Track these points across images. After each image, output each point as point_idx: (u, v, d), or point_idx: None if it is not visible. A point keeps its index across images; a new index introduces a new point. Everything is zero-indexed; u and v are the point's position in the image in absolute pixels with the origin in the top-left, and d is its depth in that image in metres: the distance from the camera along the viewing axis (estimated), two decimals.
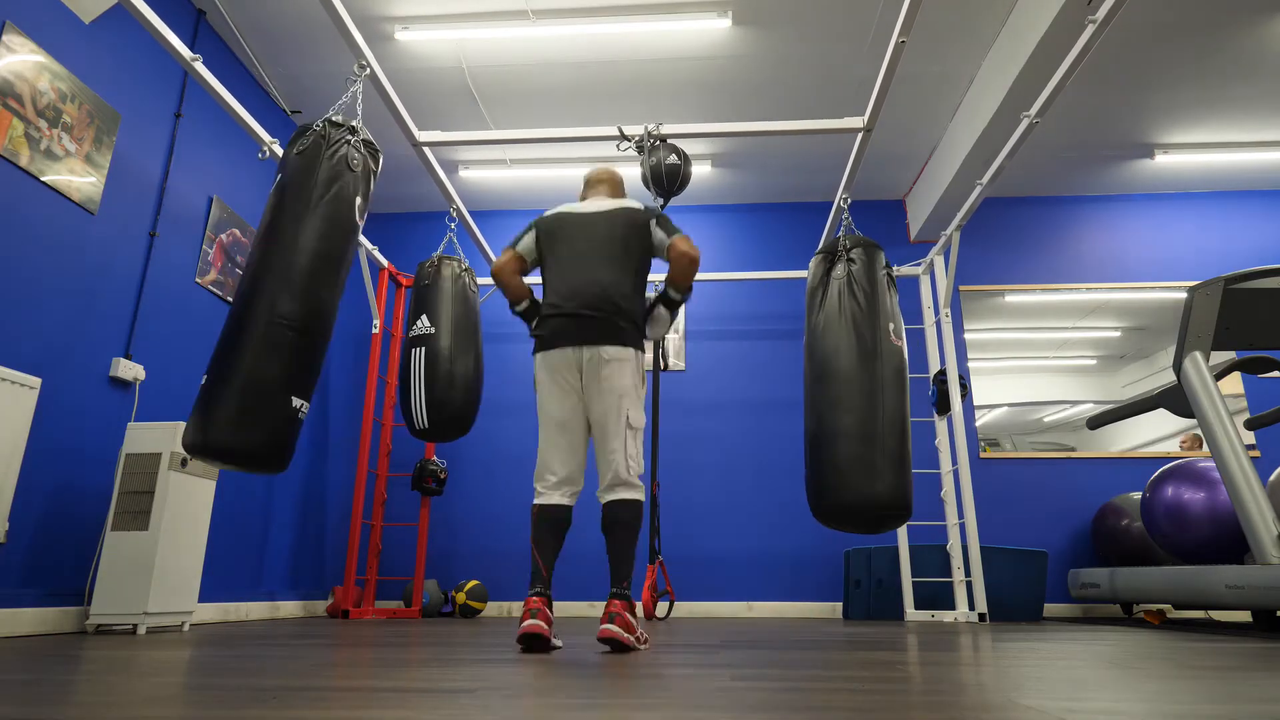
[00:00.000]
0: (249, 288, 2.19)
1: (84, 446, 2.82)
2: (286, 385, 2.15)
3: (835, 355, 2.70)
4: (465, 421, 3.27)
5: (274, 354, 2.13)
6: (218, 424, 2.06)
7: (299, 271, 2.20)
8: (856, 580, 4.22)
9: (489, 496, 4.91)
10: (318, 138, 2.36)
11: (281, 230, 2.24)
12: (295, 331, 2.17)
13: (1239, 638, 2.67)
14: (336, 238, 2.31)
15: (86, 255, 2.86)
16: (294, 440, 2.21)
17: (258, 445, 2.09)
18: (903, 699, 1.16)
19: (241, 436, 2.07)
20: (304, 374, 2.20)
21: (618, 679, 1.40)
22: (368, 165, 2.46)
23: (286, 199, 2.29)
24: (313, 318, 2.22)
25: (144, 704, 1.09)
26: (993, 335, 5.08)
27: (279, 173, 2.37)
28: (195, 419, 2.09)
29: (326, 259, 2.27)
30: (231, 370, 2.10)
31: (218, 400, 2.07)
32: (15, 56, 2.55)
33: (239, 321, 2.16)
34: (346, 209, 2.35)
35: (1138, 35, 3.70)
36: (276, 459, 2.16)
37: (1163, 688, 1.29)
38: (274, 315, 2.15)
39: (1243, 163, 4.89)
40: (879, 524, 2.59)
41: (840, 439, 2.58)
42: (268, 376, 2.11)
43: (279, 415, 2.13)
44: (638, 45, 3.88)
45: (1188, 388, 3.12)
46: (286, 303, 2.17)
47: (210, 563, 3.52)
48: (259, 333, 2.13)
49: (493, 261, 2.38)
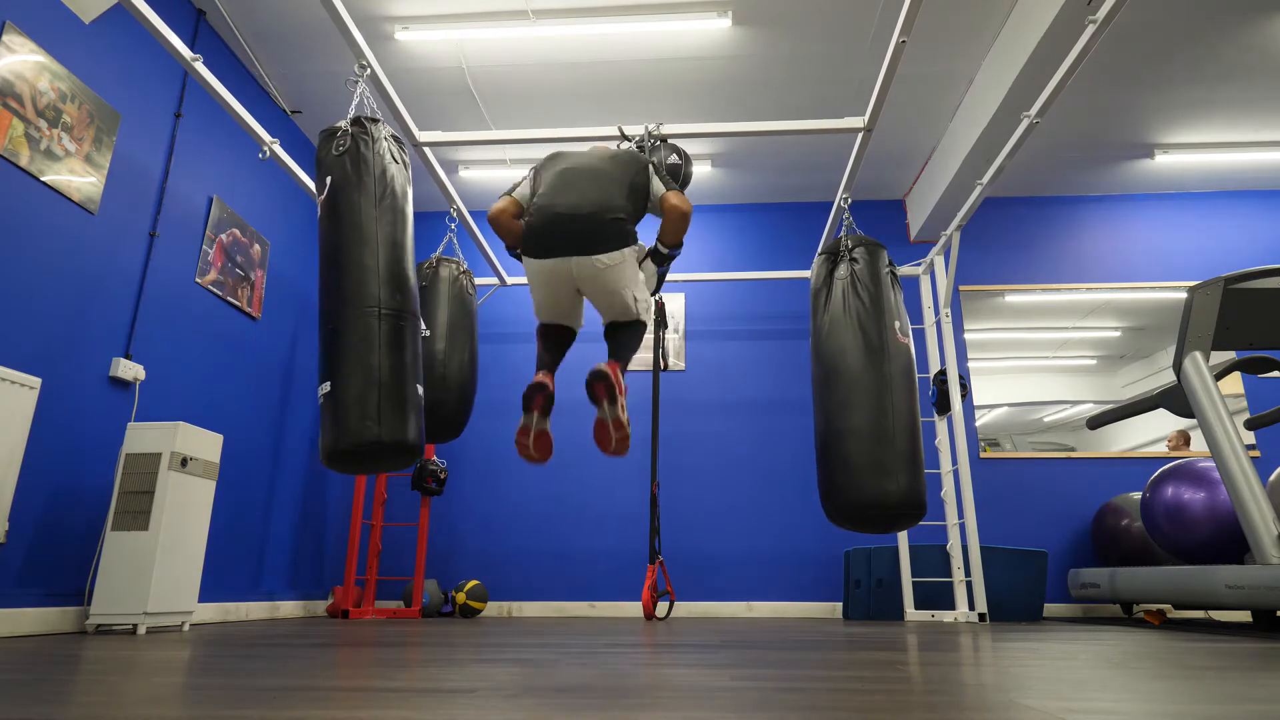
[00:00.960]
0: (349, 288, 2.25)
1: (84, 446, 2.82)
2: (412, 373, 2.27)
3: (842, 355, 2.70)
4: (457, 424, 3.28)
5: (394, 346, 2.23)
6: (359, 425, 2.13)
7: (388, 261, 2.31)
8: (856, 580, 4.22)
9: (489, 496, 4.91)
10: (355, 137, 2.40)
11: (359, 227, 2.31)
12: (398, 319, 2.28)
13: (1239, 638, 2.67)
14: (405, 227, 2.44)
15: (86, 255, 2.86)
16: (422, 425, 2.34)
17: (400, 436, 2.18)
18: (903, 699, 1.16)
19: (380, 432, 2.14)
20: (416, 359, 2.33)
21: (618, 679, 1.40)
22: (403, 156, 2.58)
23: (350, 197, 2.34)
24: (408, 303, 2.34)
25: (144, 704, 1.09)
26: (993, 335, 5.08)
27: (325, 177, 2.40)
28: (334, 426, 2.13)
29: (403, 247, 2.40)
30: (354, 372, 2.16)
31: (354, 401, 2.14)
32: (15, 56, 2.55)
33: (346, 324, 2.21)
34: (405, 198, 2.48)
35: (1138, 35, 3.70)
36: (415, 447, 2.27)
37: (1163, 688, 1.29)
38: (382, 308, 2.24)
39: (1243, 163, 4.89)
40: (893, 523, 2.59)
41: (851, 438, 2.58)
42: (388, 370, 2.20)
43: (408, 404, 2.23)
44: (638, 45, 3.88)
45: (1188, 388, 3.12)
46: (386, 294, 2.27)
47: (210, 563, 3.52)
48: (373, 328, 2.21)
49: (492, 206, 2.39)
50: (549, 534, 4.81)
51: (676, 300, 5.26)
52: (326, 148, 2.43)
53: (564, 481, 4.89)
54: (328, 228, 2.33)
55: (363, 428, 2.13)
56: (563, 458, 4.94)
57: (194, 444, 2.84)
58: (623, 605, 4.65)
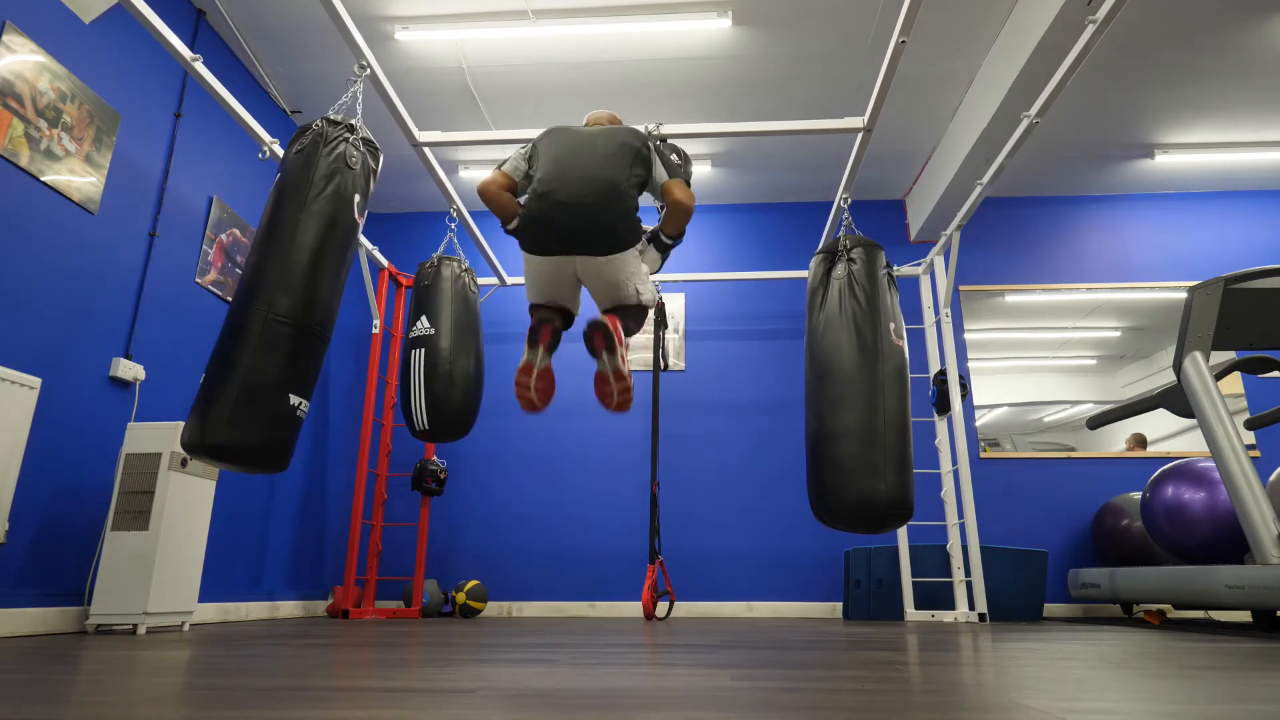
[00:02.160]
0: (246, 287, 2.20)
1: (84, 446, 2.82)
2: (284, 384, 2.15)
3: (836, 355, 2.70)
4: (465, 422, 3.26)
5: (270, 352, 2.13)
6: (215, 423, 2.05)
7: (296, 269, 2.21)
8: (856, 580, 4.22)
9: (489, 496, 4.91)
10: (315, 136, 2.37)
11: (279, 229, 2.25)
12: (292, 329, 2.17)
13: (1239, 638, 2.67)
14: (334, 236, 2.30)
15: (86, 255, 2.86)
16: (293, 439, 2.21)
17: (255, 444, 2.09)
18: (903, 699, 1.16)
19: (238, 435, 2.06)
20: (302, 372, 2.20)
21: (618, 679, 1.40)
22: (367, 163, 2.46)
23: (284, 198, 2.29)
24: (310, 315, 2.21)
25: (144, 704, 1.09)
26: (993, 335, 5.08)
27: (279, 173, 2.38)
28: (193, 418, 2.09)
29: (324, 257, 2.27)
30: (228, 369, 2.10)
31: (215, 399, 2.07)
32: (15, 56, 2.55)
33: (236, 320, 2.16)
34: (345, 207, 2.35)
35: (1138, 35, 3.70)
36: (275, 458, 2.16)
37: (1163, 688, 1.29)
38: (271, 313, 2.15)
39: (1243, 163, 4.89)
40: (881, 524, 2.59)
41: (841, 438, 2.58)
42: (264, 375, 2.11)
43: (276, 414, 2.12)
44: (638, 45, 3.88)
45: (1188, 388, 3.12)
46: (283, 301, 2.17)
47: (210, 563, 3.52)
48: (256, 331, 2.13)
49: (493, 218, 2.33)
50: (549, 534, 4.81)
51: (676, 300, 5.26)
52: (290, 145, 2.40)
53: (564, 481, 4.89)
54: (259, 225, 2.30)
55: (208, 426, 2.05)
56: (563, 457, 4.94)
57: None
58: (623, 605, 4.65)
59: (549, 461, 4.95)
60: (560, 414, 5.04)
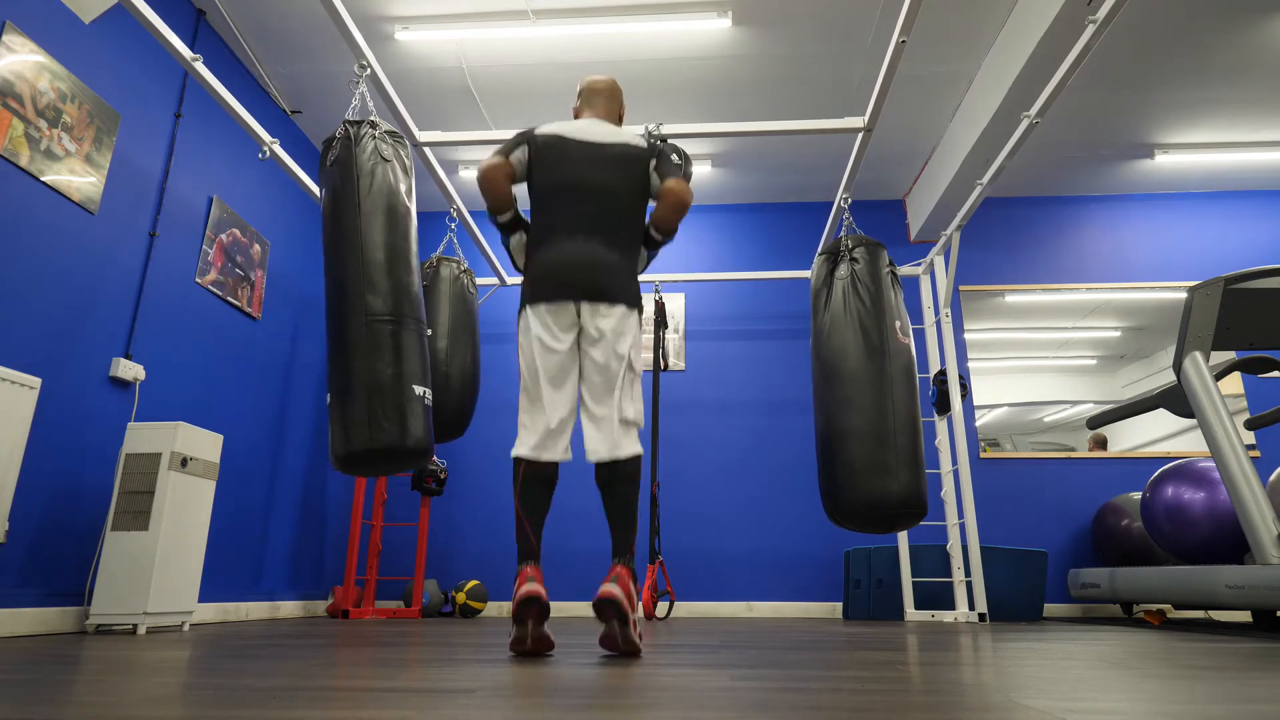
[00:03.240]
0: (339, 299, 2.30)
1: (84, 446, 2.82)
2: (403, 377, 2.27)
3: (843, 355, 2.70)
4: (461, 423, 3.28)
5: (382, 352, 2.25)
6: (357, 431, 2.18)
7: (375, 268, 2.31)
8: (856, 580, 4.22)
9: (489, 496, 4.91)
10: (344, 141, 2.46)
11: (345, 235, 2.34)
12: (393, 324, 2.28)
13: (1239, 638, 2.67)
14: (394, 224, 2.41)
15: (86, 255, 2.86)
16: (430, 426, 2.34)
17: (398, 440, 2.22)
18: (903, 699, 1.16)
19: (381, 438, 2.19)
20: (415, 361, 2.33)
21: (618, 679, 1.40)
22: (399, 151, 2.55)
23: (338, 206, 2.39)
24: (402, 307, 2.32)
25: (144, 704, 1.09)
26: (993, 335, 5.08)
27: (322, 189, 2.48)
28: (335, 435, 2.22)
29: (393, 248, 2.37)
30: (350, 380, 2.22)
31: (348, 410, 2.20)
32: (15, 56, 2.55)
33: (341, 336, 2.27)
34: (394, 196, 2.44)
35: (1138, 35, 3.70)
36: (420, 449, 2.29)
37: (1163, 688, 1.29)
38: (369, 316, 2.26)
39: (1243, 163, 4.89)
40: (894, 523, 2.59)
41: (852, 439, 2.58)
42: (384, 375, 2.23)
43: (406, 407, 2.25)
44: (638, 45, 3.88)
45: (1188, 388, 3.12)
46: (375, 301, 2.28)
47: (210, 563, 3.52)
48: (362, 336, 2.24)
49: (487, 171, 2.07)
50: (549, 534, 4.81)
51: (676, 300, 5.26)
52: (323, 159, 2.50)
53: (564, 481, 4.89)
54: (325, 240, 2.41)
55: (351, 436, 2.20)
56: None
57: (194, 444, 2.84)
58: None
59: None
60: None
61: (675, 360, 5.14)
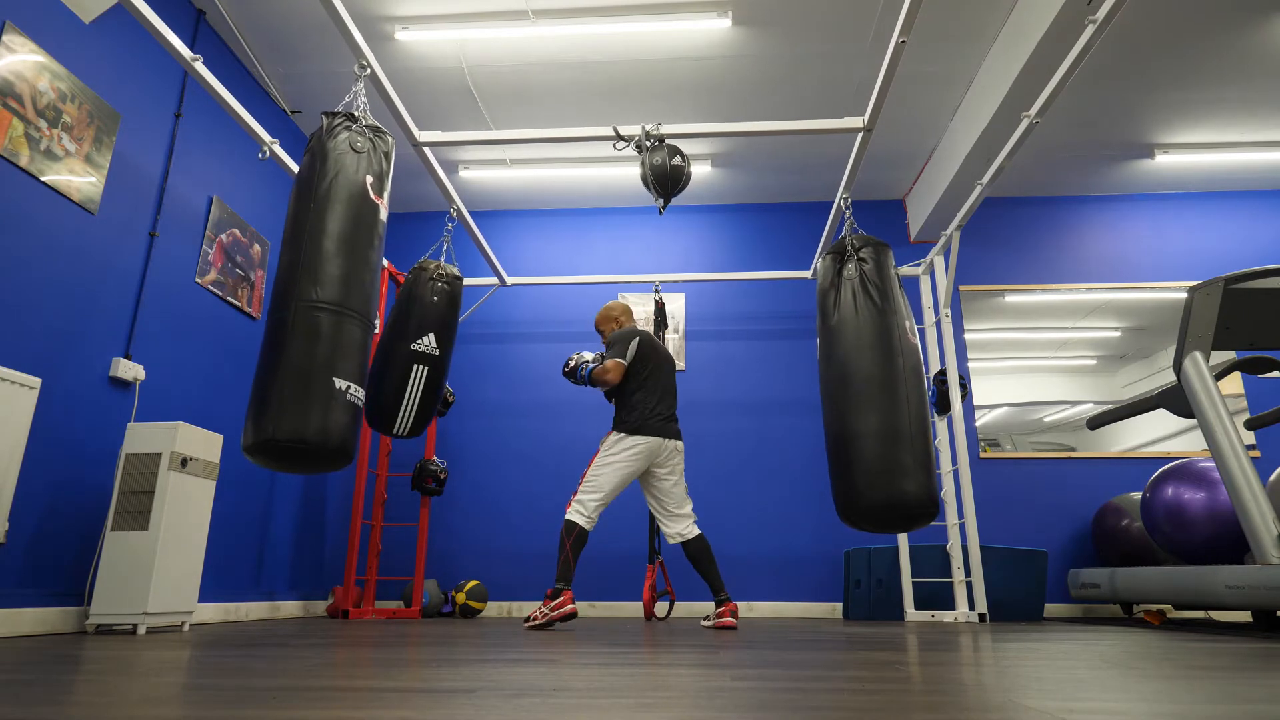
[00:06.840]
0: (278, 286, 2.26)
1: (84, 446, 2.82)
2: (328, 367, 2.15)
3: (856, 355, 2.68)
4: (422, 422, 3.42)
5: (307, 338, 2.16)
6: (268, 419, 2.07)
7: (320, 256, 2.25)
8: (856, 580, 4.22)
9: (489, 497, 4.91)
10: (316, 134, 2.45)
11: (297, 224, 2.31)
12: (328, 313, 2.19)
13: (1239, 638, 2.67)
14: (353, 216, 2.34)
15: (86, 255, 2.86)
16: (348, 428, 2.18)
17: (305, 431, 2.08)
18: (903, 699, 1.16)
19: (286, 425, 2.06)
20: (342, 353, 2.20)
21: (618, 679, 1.40)
22: (375, 145, 2.49)
23: (298, 194, 2.37)
24: (344, 298, 2.24)
25: (143, 704, 1.09)
26: (993, 335, 5.08)
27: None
28: (248, 423, 2.12)
29: (345, 239, 2.30)
30: (272, 364, 2.14)
31: (265, 396, 2.11)
32: (15, 56, 2.55)
33: (273, 318, 2.21)
34: (356, 188, 2.38)
35: (1138, 35, 3.70)
36: (333, 447, 2.13)
37: (1163, 688, 1.29)
38: (301, 301, 2.19)
39: (1243, 163, 4.89)
40: (910, 523, 2.58)
41: (867, 439, 2.56)
42: (303, 360, 2.12)
43: (322, 398, 2.12)
44: (638, 45, 3.88)
45: (1188, 388, 3.12)
46: (312, 288, 2.21)
47: (210, 563, 3.52)
48: (291, 321, 2.17)
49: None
50: (549, 534, 4.81)
51: (676, 300, 5.26)
52: (304, 156, 2.50)
53: (564, 481, 4.89)
54: (284, 227, 2.38)
55: (263, 422, 2.08)
56: (563, 457, 4.94)
57: (194, 444, 2.84)
58: (623, 605, 4.65)
59: (549, 462, 4.95)
60: (560, 415, 5.04)
61: (675, 360, 5.14)
